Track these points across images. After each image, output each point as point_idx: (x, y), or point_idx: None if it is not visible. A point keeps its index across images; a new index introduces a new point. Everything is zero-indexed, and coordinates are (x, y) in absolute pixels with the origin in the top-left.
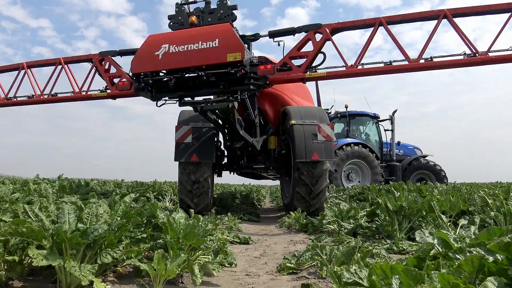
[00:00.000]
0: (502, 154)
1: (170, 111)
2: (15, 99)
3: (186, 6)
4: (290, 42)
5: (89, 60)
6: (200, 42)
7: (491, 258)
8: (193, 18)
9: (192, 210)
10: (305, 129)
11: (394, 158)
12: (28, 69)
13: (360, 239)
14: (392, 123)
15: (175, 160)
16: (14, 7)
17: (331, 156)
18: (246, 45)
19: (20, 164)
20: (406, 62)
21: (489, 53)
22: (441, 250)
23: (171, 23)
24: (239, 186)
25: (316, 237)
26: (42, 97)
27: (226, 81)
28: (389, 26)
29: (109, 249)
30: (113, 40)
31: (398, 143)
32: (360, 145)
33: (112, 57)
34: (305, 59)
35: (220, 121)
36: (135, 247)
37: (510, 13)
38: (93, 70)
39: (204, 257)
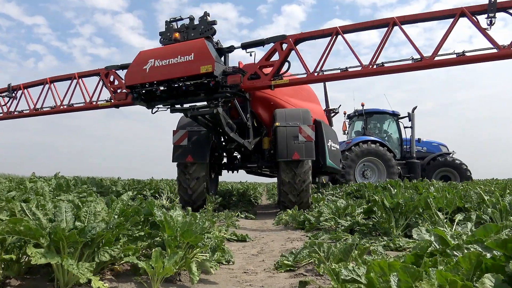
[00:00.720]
0: (499, 152)
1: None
2: (41, 110)
3: (174, 23)
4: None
5: (97, 74)
6: (179, 57)
7: (488, 255)
8: (177, 34)
9: (190, 208)
10: (287, 131)
11: (414, 155)
12: (51, 84)
13: (357, 236)
14: (410, 120)
15: (173, 161)
16: (9, 4)
17: (312, 155)
18: (223, 57)
19: (18, 163)
20: (360, 68)
21: (435, 57)
22: (438, 247)
23: (162, 39)
24: (236, 184)
25: (313, 234)
26: (62, 107)
27: (204, 89)
28: (346, 35)
29: (107, 247)
30: (108, 37)
31: (419, 140)
32: (373, 142)
33: (116, 71)
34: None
35: (211, 125)
36: (132, 245)
37: (452, 19)
38: (101, 83)
39: (202, 255)
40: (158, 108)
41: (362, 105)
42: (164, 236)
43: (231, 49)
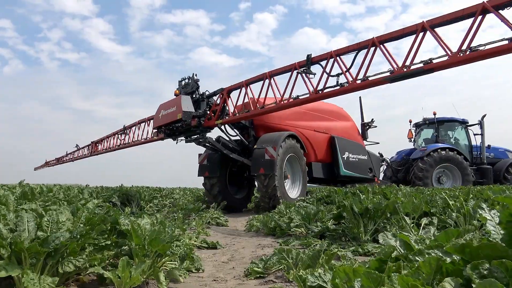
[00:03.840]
0: None
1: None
2: (133, 142)
3: (182, 82)
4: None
5: (151, 119)
6: (171, 108)
7: (448, 259)
8: (177, 91)
9: (158, 216)
10: (259, 151)
11: (485, 161)
12: (139, 124)
13: (327, 242)
14: (481, 127)
15: (198, 175)
16: None
17: (273, 170)
18: (201, 103)
19: None
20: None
21: (290, 99)
22: (403, 252)
23: (175, 94)
24: None
25: (284, 240)
26: (141, 139)
27: (185, 129)
28: (251, 86)
29: (72, 258)
30: (78, 42)
31: (488, 146)
32: (449, 150)
33: None
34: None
35: (216, 149)
36: (98, 255)
37: (290, 72)
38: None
39: (171, 263)
40: (177, 139)
41: (434, 114)
42: (132, 244)
43: (204, 97)
